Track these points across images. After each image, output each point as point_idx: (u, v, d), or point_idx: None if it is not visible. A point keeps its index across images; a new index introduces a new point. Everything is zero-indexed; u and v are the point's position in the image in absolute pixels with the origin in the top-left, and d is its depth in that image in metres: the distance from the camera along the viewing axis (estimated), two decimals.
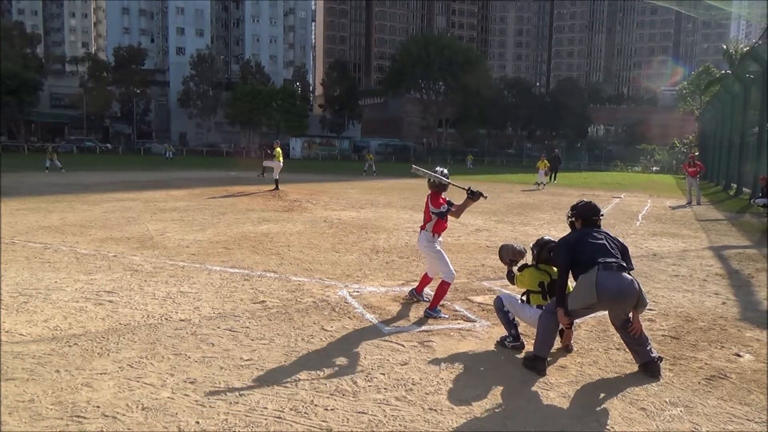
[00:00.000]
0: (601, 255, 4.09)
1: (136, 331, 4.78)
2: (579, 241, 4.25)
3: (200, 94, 74.51)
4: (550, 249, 4.57)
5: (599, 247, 4.15)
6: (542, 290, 4.59)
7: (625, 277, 4.04)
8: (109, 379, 3.81)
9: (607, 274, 3.99)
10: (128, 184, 21.22)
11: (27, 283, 6.24)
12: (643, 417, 3.52)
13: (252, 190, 19.01)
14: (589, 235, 4.27)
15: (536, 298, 4.60)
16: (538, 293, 4.60)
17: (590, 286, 3.99)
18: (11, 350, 4.28)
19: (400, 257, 8.43)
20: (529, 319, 4.59)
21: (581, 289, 4.09)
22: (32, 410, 3.35)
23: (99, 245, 8.65)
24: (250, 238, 9.63)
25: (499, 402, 3.66)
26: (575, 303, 4.13)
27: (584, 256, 4.14)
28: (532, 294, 4.64)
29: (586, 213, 4.43)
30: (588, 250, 4.15)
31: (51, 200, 14.71)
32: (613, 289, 3.98)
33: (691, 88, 63.64)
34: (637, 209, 16.92)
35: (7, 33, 70.46)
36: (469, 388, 3.85)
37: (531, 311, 4.57)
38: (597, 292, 3.96)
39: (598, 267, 4.02)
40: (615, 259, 4.10)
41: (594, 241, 4.20)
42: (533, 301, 4.62)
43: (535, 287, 4.61)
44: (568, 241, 4.32)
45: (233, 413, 3.39)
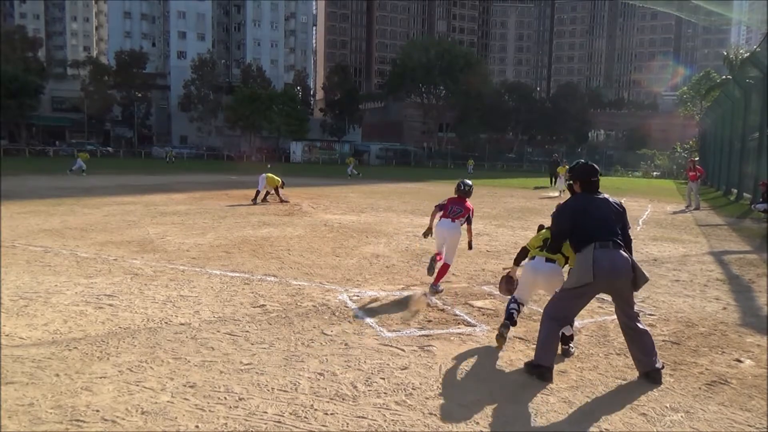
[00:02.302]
0: (599, 232, 4.12)
1: (136, 335, 4.78)
2: (582, 211, 4.25)
3: (201, 98, 74.66)
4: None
5: (599, 223, 4.16)
6: (542, 246, 4.74)
7: (620, 254, 4.08)
8: (109, 383, 3.81)
9: (603, 252, 4.04)
10: (129, 187, 21.23)
11: (27, 287, 6.24)
12: (643, 422, 3.51)
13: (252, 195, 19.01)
14: (591, 203, 4.26)
15: (535, 252, 4.76)
16: (539, 248, 4.76)
17: (587, 265, 4.03)
18: (11, 354, 4.28)
19: (401, 261, 8.42)
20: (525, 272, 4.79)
21: (578, 267, 4.14)
22: (32, 414, 3.35)
23: (99, 249, 8.65)
24: (251, 242, 9.63)
25: (500, 407, 3.65)
26: (572, 282, 4.17)
27: (583, 230, 4.17)
28: (532, 250, 4.82)
29: (584, 174, 4.41)
30: (588, 224, 4.17)
31: (52, 203, 14.71)
32: (608, 267, 4.02)
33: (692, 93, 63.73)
34: (637, 214, 16.92)
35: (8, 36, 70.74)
36: (469, 392, 3.85)
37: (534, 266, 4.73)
38: (593, 271, 4.00)
39: (595, 245, 4.07)
40: (612, 235, 4.12)
41: (596, 213, 4.20)
42: (530, 255, 4.81)
43: (539, 244, 4.79)
44: (571, 207, 4.32)
45: (233, 417, 3.38)
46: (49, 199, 15.80)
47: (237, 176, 31.30)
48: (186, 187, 22.35)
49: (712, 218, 16.69)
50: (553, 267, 4.66)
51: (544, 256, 4.68)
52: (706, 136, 41.66)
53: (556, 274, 4.66)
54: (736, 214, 17.46)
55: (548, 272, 4.66)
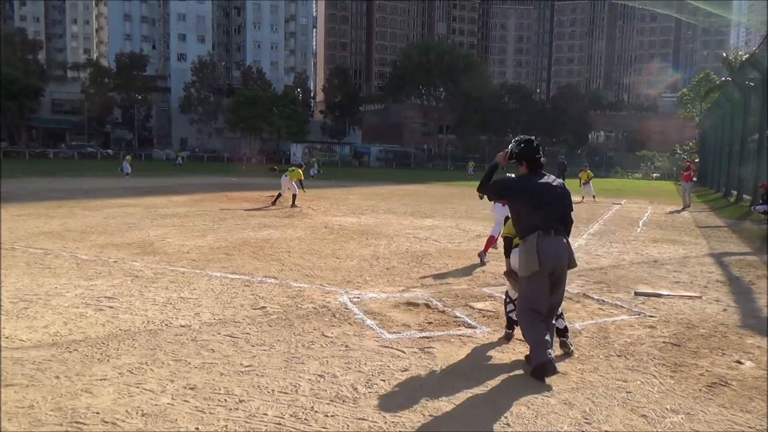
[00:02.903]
0: (542, 219, 4.26)
1: (136, 337, 4.78)
2: (523, 193, 4.38)
3: (201, 100, 74.75)
4: None
5: (543, 210, 4.28)
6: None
7: (561, 242, 4.31)
8: (109, 385, 3.81)
9: (545, 241, 4.22)
10: (129, 189, 21.24)
11: (27, 289, 6.24)
12: (644, 424, 3.50)
13: (254, 197, 19.04)
14: (539, 187, 4.36)
15: (516, 240, 4.74)
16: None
17: (533, 254, 4.21)
18: (11, 356, 4.27)
19: (401, 263, 8.42)
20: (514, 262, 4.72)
21: (524, 256, 4.30)
22: (32, 416, 3.34)
23: (99, 251, 8.65)
24: (251, 244, 9.63)
25: (500, 408, 3.64)
26: (523, 270, 4.32)
27: (529, 214, 4.31)
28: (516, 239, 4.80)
29: (530, 153, 4.45)
30: (533, 211, 4.29)
31: (52, 206, 14.72)
32: (552, 255, 4.23)
33: (691, 95, 63.79)
34: (637, 216, 16.92)
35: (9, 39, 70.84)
36: (470, 394, 3.84)
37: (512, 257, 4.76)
38: (539, 260, 4.19)
39: (538, 234, 4.23)
40: (554, 223, 4.29)
41: (540, 198, 4.31)
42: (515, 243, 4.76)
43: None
44: (508, 185, 4.54)
45: (233, 419, 3.38)
46: (49, 202, 15.81)
47: (237, 178, 31.34)
48: (186, 189, 22.35)
49: (712, 220, 16.69)
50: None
51: None
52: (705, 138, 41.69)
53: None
54: (736, 215, 17.47)
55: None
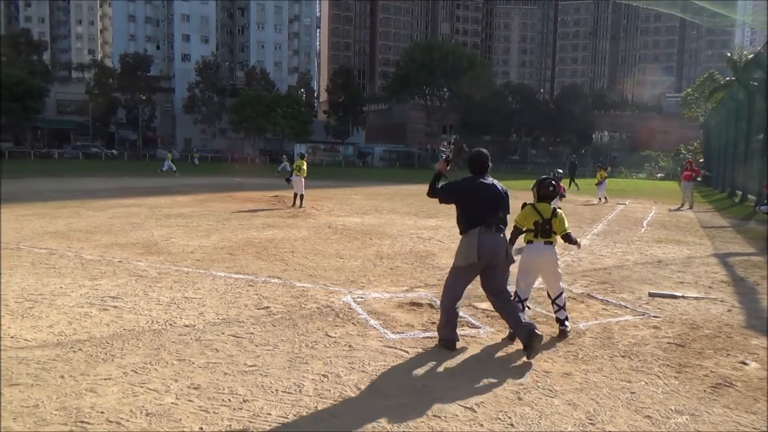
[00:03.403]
0: (484, 217, 4.65)
1: (140, 337, 4.79)
2: (469, 193, 4.73)
3: (205, 101, 74.83)
4: (549, 185, 5.14)
5: (485, 209, 4.67)
6: (536, 229, 5.03)
7: (500, 238, 4.70)
8: (114, 384, 3.82)
9: (486, 236, 4.61)
10: (133, 189, 21.29)
11: (32, 289, 6.26)
12: (648, 425, 3.50)
13: (257, 197, 19.07)
14: (481, 188, 4.72)
15: (528, 236, 5.07)
16: (531, 231, 5.05)
17: (472, 247, 4.60)
18: (16, 355, 4.29)
19: (405, 263, 8.42)
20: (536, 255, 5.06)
21: (465, 248, 4.68)
22: (36, 416, 3.36)
23: (104, 251, 8.67)
24: (255, 244, 9.64)
25: (503, 408, 3.64)
26: (460, 260, 4.73)
27: (471, 214, 4.69)
28: (526, 233, 5.09)
29: (479, 162, 4.81)
30: (475, 208, 4.68)
31: (56, 206, 14.76)
32: (490, 250, 4.61)
33: (696, 95, 63.56)
34: (641, 216, 16.88)
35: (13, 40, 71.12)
36: (473, 394, 3.84)
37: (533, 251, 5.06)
38: (478, 253, 4.58)
39: (480, 230, 4.61)
40: (495, 220, 4.68)
41: (483, 198, 4.69)
42: (525, 238, 5.10)
43: (530, 226, 5.05)
44: (459, 188, 4.80)
45: (237, 419, 3.39)
46: (54, 202, 15.86)
47: (241, 178, 31.39)
48: (190, 189, 22.39)
49: (717, 220, 16.64)
50: (552, 249, 5.06)
51: (542, 239, 5.03)
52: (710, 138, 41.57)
53: (555, 255, 5.11)
54: (741, 216, 17.41)
55: (549, 255, 5.06)
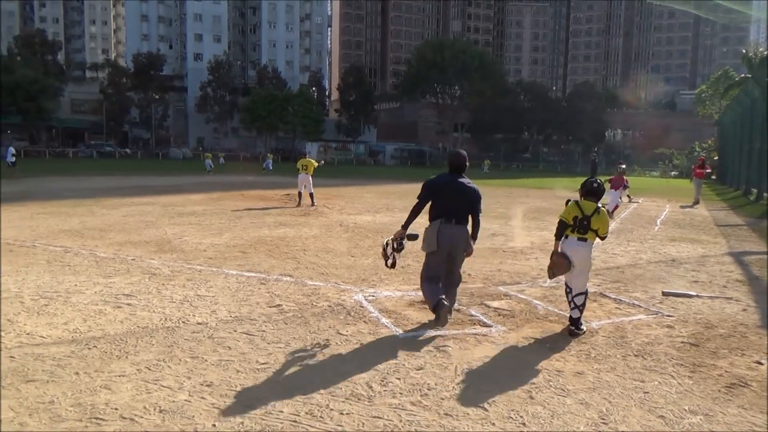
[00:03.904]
0: (447, 210, 5.20)
1: (153, 334, 4.83)
2: (441, 189, 5.27)
3: (217, 100, 75.20)
4: (593, 182, 5.28)
5: (450, 203, 5.21)
6: (574, 224, 5.17)
7: (459, 229, 5.23)
8: (128, 381, 3.85)
9: (448, 228, 5.18)
10: (146, 188, 21.45)
11: (47, 286, 6.33)
12: (661, 425, 3.47)
13: (269, 195, 19.14)
14: (451, 184, 5.27)
15: (567, 230, 5.22)
16: (569, 227, 5.20)
17: (434, 237, 5.18)
18: (32, 352, 4.34)
19: (416, 261, 8.39)
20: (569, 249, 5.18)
21: (427, 236, 5.25)
22: (52, 411, 3.40)
23: (118, 249, 8.75)
24: (267, 242, 9.68)
25: (515, 408, 3.63)
26: (424, 247, 5.31)
27: (439, 206, 5.24)
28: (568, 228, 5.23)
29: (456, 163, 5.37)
30: (442, 202, 5.23)
31: (71, 204, 14.91)
32: (448, 239, 5.18)
33: (710, 92, 62.84)
34: (655, 214, 16.74)
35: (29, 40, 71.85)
36: (485, 393, 3.83)
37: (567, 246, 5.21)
38: (437, 242, 5.17)
39: (441, 221, 5.18)
40: (457, 214, 5.20)
41: (451, 193, 5.24)
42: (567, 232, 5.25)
43: (570, 220, 5.18)
44: (432, 184, 5.33)
45: (249, 417, 3.40)
46: (69, 200, 16.02)
47: (253, 177, 31.50)
48: (202, 187, 22.52)
49: (732, 218, 16.46)
50: (585, 245, 5.18)
51: (576, 235, 5.16)
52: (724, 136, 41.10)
53: (588, 252, 5.22)
54: (756, 214, 17.19)
55: (581, 251, 5.16)
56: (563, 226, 5.20)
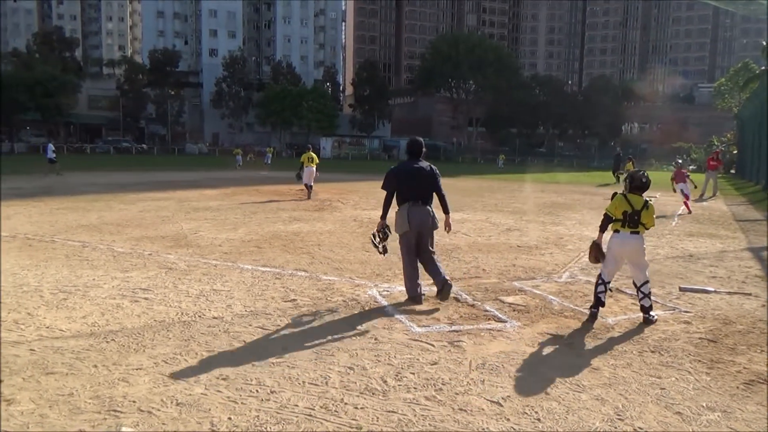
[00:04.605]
0: (413, 193, 5.74)
1: (170, 328, 4.88)
2: (404, 174, 5.80)
3: (232, 95, 75.56)
4: (642, 176, 5.34)
5: (414, 186, 5.75)
6: (624, 219, 5.22)
7: (426, 210, 5.79)
8: (145, 374, 3.90)
9: (415, 209, 5.73)
10: (162, 183, 21.63)
11: (66, 280, 6.42)
12: (678, 421, 3.44)
13: (283, 190, 19.21)
14: (411, 170, 5.80)
15: (615, 225, 5.29)
16: (619, 221, 5.25)
17: (404, 218, 5.72)
18: (51, 345, 4.41)
19: None
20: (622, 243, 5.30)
21: (398, 219, 5.78)
22: (71, 404, 3.45)
23: (135, 244, 8.84)
24: (281, 237, 9.72)
25: (530, 403, 3.62)
26: (398, 229, 5.81)
27: (404, 190, 5.76)
28: (614, 222, 5.30)
29: (413, 150, 5.93)
30: (407, 187, 5.75)
31: (89, 199, 15.09)
32: (418, 220, 5.74)
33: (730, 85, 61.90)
34: (672, 209, 16.55)
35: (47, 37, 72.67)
36: (500, 388, 3.83)
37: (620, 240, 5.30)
38: (408, 223, 5.70)
39: (410, 204, 5.72)
40: (422, 196, 5.77)
41: (413, 177, 5.77)
42: (612, 227, 5.34)
43: (619, 215, 5.24)
44: (393, 172, 5.82)
45: (264, 410, 3.43)
46: (87, 195, 16.21)
47: (267, 172, 31.64)
48: (217, 183, 22.67)
49: (751, 213, 16.23)
50: (638, 238, 5.27)
51: (628, 229, 5.23)
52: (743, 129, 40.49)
53: (641, 244, 5.31)
54: None
55: (635, 244, 5.27)
56: (608, 219, 5.30)
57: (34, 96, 58.46)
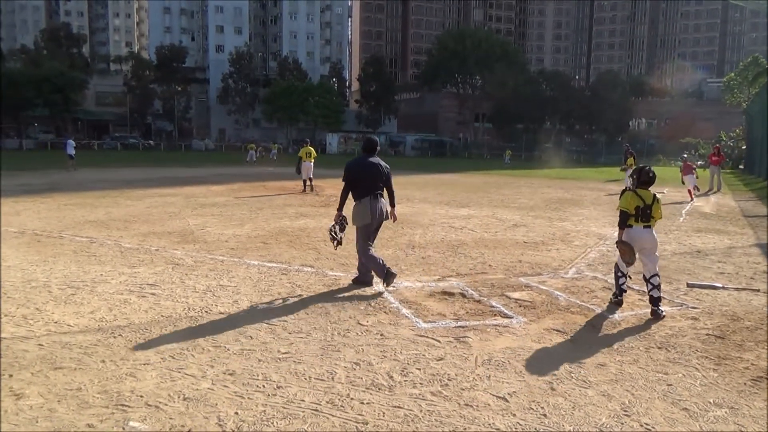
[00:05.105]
0: (371, 188, 6.14)
1: (177, 323, 4.90)
2: (360, 169, 6.21)
3: (239, 91, 75.68)
4: (648, 172, 5.53)
5: (371, 181, 6.16)
6: (636, 213, 5.41)
7: (383, 203, 6.27)
8: (152, 369, 3.92)
9: (374, 202, 6.15)
10: (169, 179, 21.71)
11: (74, 276, 6.46)
12: (685, 418, 3.43)
13: (290, 186, 19.23)
14: (367, 166, 6.20)
15: (630, 220, 5.45)
16: (632, 216, 5.43)
17: (366, 211, 6.12)
18: (60, 340, 4.44)
19: (436, 252, 8.40)
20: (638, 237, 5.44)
21: (360, 212, 6.14)
22: (79, 398, 3.47)
23: (142, 239, 8.88)
24: (288, 233, 9.74)
25: (536, 399, 3.62)
26: (357, 221, 6.21)
27: (362, 184, 6.15)
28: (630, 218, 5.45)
29: (368, 147, 6.39)
30: (365, 181, 6.15)
31: (96, 195, 15.16)
32: (378, 212, 6.18)
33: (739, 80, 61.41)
34: (680, 205, 16.47)
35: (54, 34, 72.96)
36: (506, 384, 3.83)
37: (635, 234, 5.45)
38: (370, 215, 6.12)
39: (370, 198, 6.12)
40: (378, 190, 6.20)
41: (369, 172, 6.17)
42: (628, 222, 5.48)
43: (632, 210, 5.42)
44: (350, 167, 6.26)
45: (271, 405, 3.44)
46: (94, 191, 16.29)
47: (274, 168, 31.69)
48: (223, 179, 22.72)
49: (760, 209, 16.12)
50: (650, 231, 5.48)
51: (641, 224, 5.43)
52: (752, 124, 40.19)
53: (654, 237, 5.53)
54: None
55: (650, 237, 5.47)
56: (626, 216, 5.45)
57: (42, 92, 58.73)
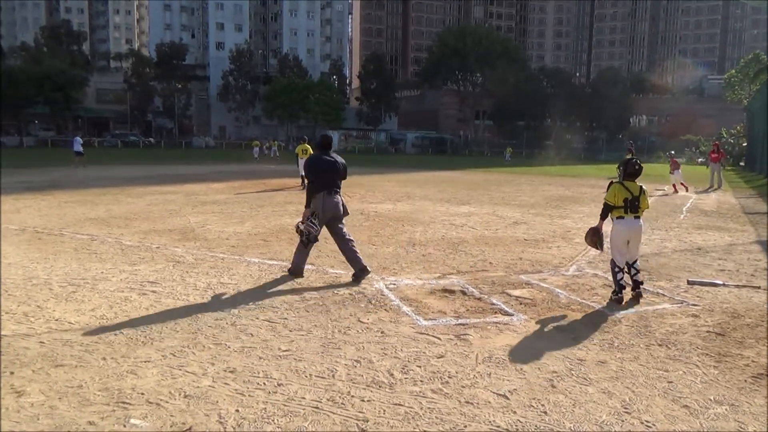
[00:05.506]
0: (327, 183, 6.36)
1: (178, 321, 4.91)
2: (316, 166, 6.44)
3: (239, 89, 75.64)
4: (635, 164, 5.68)
5: (327, 177, 6.39)
6: (625, 205, 5.60)
7: (338, 199, 6.49)
8: (153, 367, 3.93)
9: (328, 198, 6.36)
10: (170, 177, 21.71)
11: (75, 273, 6.46)
12: (686, 415, 3.43)
13: (291, 183, 19.23)
14: (323, 162, 6.42)
15: (618, 212, 5.66)
16: (621, 208, 5.63)
17: (320, 205, 6.30)
18: (61, 338, 4.45)
19: (437, 250, 8.40)
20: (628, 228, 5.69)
21: (315, 206, 6.31)
22: (80, 396, 3.48)
23: (143, 237, 8.89)
24: (288, 231, 9.73)
25: (537, 396, 3.62)
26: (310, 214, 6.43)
27: (319, 180, 6.37)
28: (615, 209, 5.67)
29: (323, 144, 6.60)
30: (321, 177, 6.37)
31: (97, 193, 15.17)
32: (331, 207, 6.39)
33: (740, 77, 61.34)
34: (681, 202, 16.46)
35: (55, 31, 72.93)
36: (506, 381, 3.83)
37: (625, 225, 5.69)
38: (323, 209, 6.32)
39: (324, 193, 6.32)
40: (333, 186, 6.42)
41: (325, 169, 6.39)
42: (614, 214, 5.70)
43: (620, 203, 5.62)
44: (310, 163, 6.55)
45: (272, 402, 3.45)
46: (95, 189, 16.29)
47: (275, 165, 31.68)
48: (224, 176, 22.72)
49: (760, 206, 16.11)
50: (639, 222, 5.72)
51: (632, 215, 5.63)
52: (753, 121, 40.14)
53: (642, 228, 5.80)
54: None
55: (639, 227, 5.74)
56: (609, 208, 5.68)
57: (42, 90, 58.74)
